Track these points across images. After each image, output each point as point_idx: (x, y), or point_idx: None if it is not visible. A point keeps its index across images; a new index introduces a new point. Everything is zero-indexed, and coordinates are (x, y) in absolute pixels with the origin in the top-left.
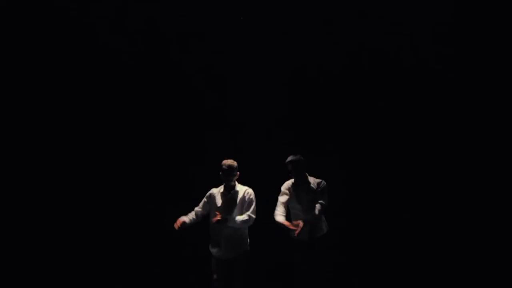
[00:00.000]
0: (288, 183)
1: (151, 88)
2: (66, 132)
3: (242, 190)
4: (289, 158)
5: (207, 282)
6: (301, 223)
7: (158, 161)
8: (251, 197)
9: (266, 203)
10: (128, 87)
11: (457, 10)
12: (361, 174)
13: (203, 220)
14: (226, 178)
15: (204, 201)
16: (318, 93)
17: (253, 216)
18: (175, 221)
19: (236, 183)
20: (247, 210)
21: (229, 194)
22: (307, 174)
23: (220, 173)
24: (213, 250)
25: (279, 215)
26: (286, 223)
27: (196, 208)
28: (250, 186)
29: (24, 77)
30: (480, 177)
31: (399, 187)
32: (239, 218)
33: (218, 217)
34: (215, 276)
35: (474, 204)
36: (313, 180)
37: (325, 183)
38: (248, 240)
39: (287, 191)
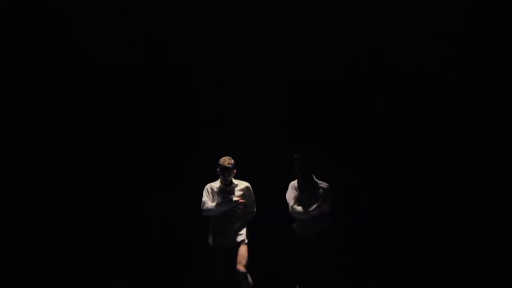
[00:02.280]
0: (294, 183)
1: (151, 88)
2: (66, 133)
3: (243, 184)
4: (297, 155)
5: (206, 282)
6: None
7: (158, 161)
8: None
9: (265, 203)
10: (127, 87)
11: (457, 10)
12: (361, 174)
13: None
14: (223, 176)
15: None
16: (318, 93)
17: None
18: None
19: (232, 178)
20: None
21: (228, 188)
22: (313, 176)
23: (218, 170)
24: (218, 239)
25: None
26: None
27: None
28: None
29: (24, 77)
30: (480, 177)
31: (399, 187)
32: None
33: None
34: (214, 276)
35: (474, 204)
36: (318, 183)
37: (330, 187)
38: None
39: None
